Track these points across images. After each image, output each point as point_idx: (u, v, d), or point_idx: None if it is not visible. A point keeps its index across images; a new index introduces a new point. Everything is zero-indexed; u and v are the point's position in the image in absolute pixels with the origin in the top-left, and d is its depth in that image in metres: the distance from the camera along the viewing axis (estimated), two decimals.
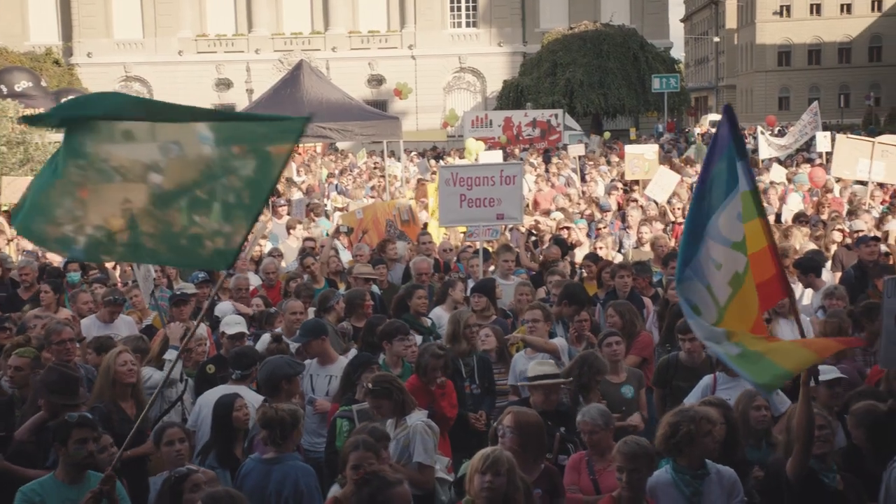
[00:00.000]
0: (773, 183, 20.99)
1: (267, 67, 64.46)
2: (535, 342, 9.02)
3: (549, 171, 29.23)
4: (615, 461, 5.76)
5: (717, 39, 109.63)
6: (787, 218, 17.49)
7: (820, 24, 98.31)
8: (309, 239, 15.26)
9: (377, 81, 72.45)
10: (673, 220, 16.94)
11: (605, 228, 16.11)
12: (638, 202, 18.75)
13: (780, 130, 40.31)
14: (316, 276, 12.62)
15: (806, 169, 24.34)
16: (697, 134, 56.10)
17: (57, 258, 14.11)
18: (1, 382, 8.10)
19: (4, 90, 32.80)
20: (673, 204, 18.38)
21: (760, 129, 31.59)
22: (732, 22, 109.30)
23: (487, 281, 11.39)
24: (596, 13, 70.18)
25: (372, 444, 6.07)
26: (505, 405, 8.59)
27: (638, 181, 22.28)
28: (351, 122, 20.89)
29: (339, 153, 45.86)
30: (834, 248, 13.66)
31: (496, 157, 27.54)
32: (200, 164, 5.37)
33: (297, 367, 7.82)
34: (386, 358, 8.63)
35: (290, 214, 19.14)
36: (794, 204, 18.89)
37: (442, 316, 10.49)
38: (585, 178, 26.13)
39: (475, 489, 5.50)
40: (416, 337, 9.17)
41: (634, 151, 23.84)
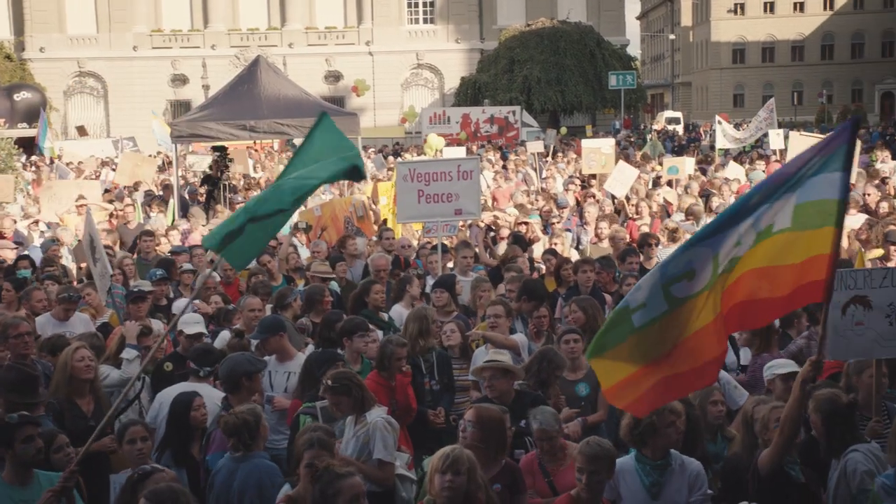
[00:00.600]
0: (727, 179, 21.17)
1: (223, 63, 64.02)
2: (495, 338, 9.03)
3: (506, 167, 29.29)
4: (576, 462, 5.75)
5: (672, 37, 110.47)
6: None
7: (773, 22, 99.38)
8: None
9: (334, 78, 72.23)
10: (629, 216, 17.00)
11: (558, 224, 16.13)
12: (595, 198, 18.83)
13: (735, 125, 40.65)
14: (273, 273, 12.55)
15: (761, 166, 24.58)
16: (654, 130, 56.53)
17: (10, 255, 13.95)
18: None
19: None
20: (630, 199, 18.46)
21: (718, 119, 31.84)
22: (688, 19, 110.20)
23: (448, 277, 11.38)
24: (553, 10, 70.40)
25: (326, 441, 6.05)
26: (465, 401, 8.65)
27: (595, 177, 22.38)
28: (308, 118, 20.68)
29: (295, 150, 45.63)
30: None
31: (460, 154, 27.54)
32: None
33: (258, 363, 7.77)
34: (346, 354, 8.60)
35: None
36: None
37: (402, 313, 10.47)
38: (543, 174, 26.21)
39: (436, 489, 5.49)
40: (376, 333, 9.14)
41: (591, 146, 23.96)
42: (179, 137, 21.65)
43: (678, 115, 79.99)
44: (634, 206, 17.47)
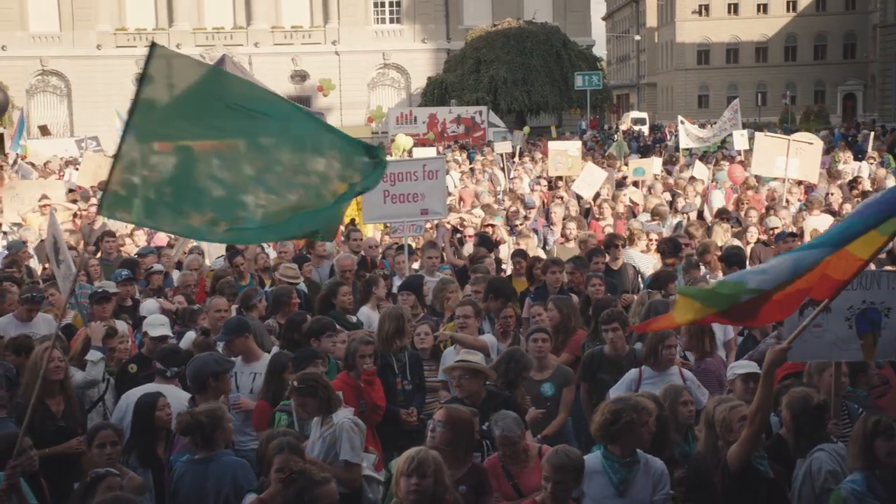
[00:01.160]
0: (693, 178, 21.31)
1: None
2: (463, 339, 9.04)
3: (473, 168, 29.32)
4: (542, 469, 5.75)
5: (638, 38, 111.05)
6: (708, 215, 17.79)
7: (737, 23, 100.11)
8: None
9: (301, 77, 71.96)
10: (597, 217, 17.02)
11: (521, 225, 16.15)
12: (562, 199, 18.89)
13: (701, 125, 40.97)
14: (244, 274, 12.56)
15: (726, 166, 24.77)
16: (621, 131, 56.79)
17: None
18: None
19: None
20: (598, 201, 18.52)
21: (681, 118, 32.03)
22: (653, 20, 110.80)
23: (415, 278, 11.38)
24: (519, 10, 70.50)
25: (296, 445, 6.04)
26: (433, 402, 8.67)
27: (562, 177, 22.44)
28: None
29: None
30: (751, 245, 13.87)
31: (429, 154, 27.48)
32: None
33: (225, 364, 7.75)
34: None
35: None
36: (716, 201, 19.20)
37: (369, 315, 10.46)
38: (511, 174, 26.25)
39: (402, 493, 5.49)
40: (344, 333, 9.13)
41: (558, 148, 24.01)
42: None
43: (644, 115, 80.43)
44: (598, 206, 17.54)
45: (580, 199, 19.40)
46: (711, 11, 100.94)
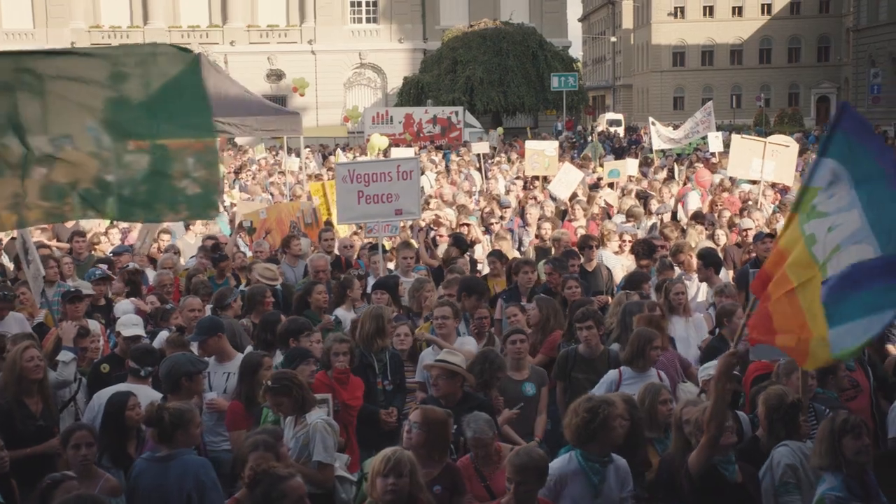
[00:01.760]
0: (666, 180, 21.40)
1: None
2: (437, 343, 9.04)
3: (449, 168, 29.33)
4: (506, 470, 5.76)
5: (613, 39, 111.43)
6: (683, 216, 17.87)
7: (713, 25, 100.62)
8: (209, 237, 15.06)
9: (276, 76, 71.73)
10: (573, 218, 17.05)
11: (496, 225, 16.17)
12: (536, 199, 18.93)
13: (674, 126, 41.18)
14: (224, 273, 12.61)
15: (700, 167, 24.90)
16: (595, 132, 56.94)
17: None
18: None
19: None
20: (571, 203, 18.56)
21: (652, 119, 32.14)
22: (629, 22, 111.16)
23: (390, 278, 11.37)
24: (496, 11, 70.55)
25: (271, 444, 6.02)
26: (410, 402, 8.67)
27: (538, 178, 22.48)
28: (250, 117, 20.59)
29: (237, 149, 45.30)
30: (720, 247, 13.94)
31: (406, 154, 27.46)
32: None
33: (198, 364, 7.71)
34: None
35: None
36: (692, 203, 19.30)
37: (344, 316, 10.45)
38: (487, 175, 26.27)
39: (378, 492, 5.49)
40: (319, 333, 9.12)
41: (535, 148, 24.03)
42: None
43: (619, 117, 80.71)
44: (571, 207, 17.58)
45: (554, 199, 19.43)
46: (687, 14, 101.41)
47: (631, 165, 24.52)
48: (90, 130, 6.98)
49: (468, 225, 15.81)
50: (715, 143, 28.41)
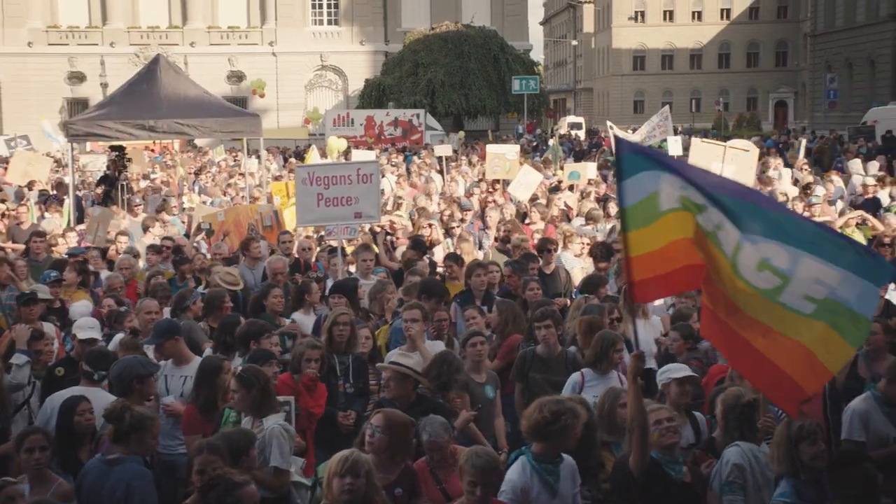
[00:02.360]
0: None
1: (122, 61, 62.66)
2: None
3: (410, 170, 29.33)
4: (466, 473, 5.75)
5: (575, 43, 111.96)
6: None
7: (673, 30, 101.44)
8: (167, 238, 14.96)
9: (237, 78, 71.40)
10: (531, 221, 17.07)
11: (457, 228, 16.17)
12: (497, 202, 18.96)
13: (633, 130, 41.41)
14: (185, 275, 12.54)
15: None
16: (557, 135, 57.08)
17: None
18: None
19: None
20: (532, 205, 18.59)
21: (610, 124, 32.27)
22: (590, 26, 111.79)
23: (348, 281, 11.34)
24: (457, 14, 70.70)
25: (217, 447, 5.98)
26: (370, 404, 8.64)
27: (499, 181, 22.49)
28: (210, 118, 20.48)
29: (197, 150, 45.07)
30: None
31: (369, 156, 27.39)
32: None
33: (150, 367, 7.65)
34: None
35: (146, 212, 18.79)
36: None
37: (302, 320, 10.41)
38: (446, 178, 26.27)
39: (334, 493, 5.48)
40: (275, 336, 9.09)
41: (496, 151, 24.03)
42: (76, 136, 21.19)
43: (580, 120, 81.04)
44: (530, 209, 17.60)
45: (516, 202, 19.47)
46: (647, 18, 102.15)
47: (591, 168, 24.60)
48: None
49: (429, 226, 15.80)
50: (674, 146, 28.58)
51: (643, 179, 5.79)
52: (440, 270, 13.63)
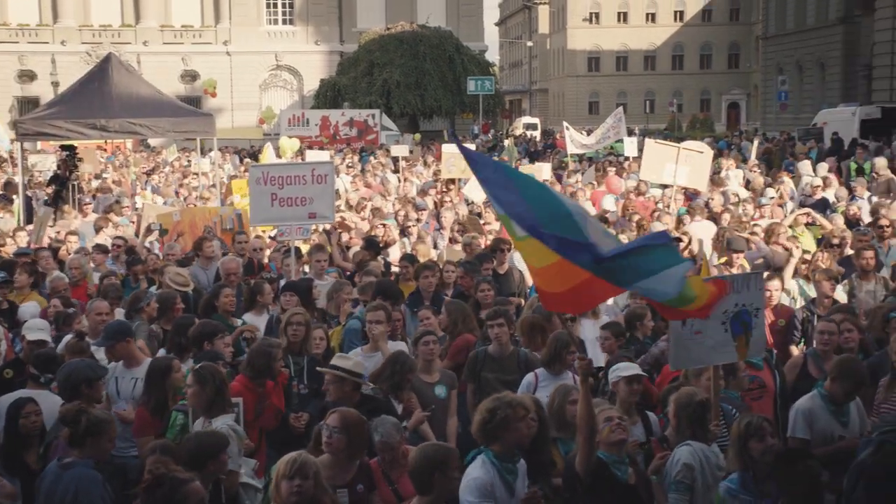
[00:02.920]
0: (581, 186, 21.62)
1: (74, 60, 62.00)
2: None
3: (364, 170, 29.28)
4: (416, 467, 5.75)
5: (530, 44, 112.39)
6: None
7: (627, 31, 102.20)
8: (119, 238, 14.81)
9: (191, 77, 70.93)
10: (486, 222, 17.07)
11: (413, 227, 16.16)
12: (452, 202, 18.98)
13: (588, 131, 41.64)
14: (138, 276, 12.42)
15: (612, 172, 25.20)
16: (511, 136, 57.27)
17: None
18: None
19: None
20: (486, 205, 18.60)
21: (566, 124, 32.40)
22: (545, 27, 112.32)
23: (301, 281, 11.31)
24: (412, 14, 70.72)
25: (170, 448, 5.95)
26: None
27: (454, 181, 22.51)
28: (163, 118, 20.32)
29: (150, 150, 44.69)
30: None
31: (323, 157, 27.30)
32: None
33: (98, 370, 7.57)
34: None
35: (96, 212, 18.61)
36: (608, 205, 19.51)
37: (254, 320, 10.35)
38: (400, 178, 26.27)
39: (283, 495, 5.47)
40: (228, 336, 9.03)
41: (451, 151, 24.04)
42: (25, 136, 20.92)
43: (536, 120, 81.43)
44: (485, 210, 17.60)
45: (470, 202, 19.49)
46: (602, 20, 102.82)
47: (546, 169, 24.68)
48: None
49: (384, 226, 15.79)
50: (630, 147, 28.80)
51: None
52: (395, 270, 13.63)
